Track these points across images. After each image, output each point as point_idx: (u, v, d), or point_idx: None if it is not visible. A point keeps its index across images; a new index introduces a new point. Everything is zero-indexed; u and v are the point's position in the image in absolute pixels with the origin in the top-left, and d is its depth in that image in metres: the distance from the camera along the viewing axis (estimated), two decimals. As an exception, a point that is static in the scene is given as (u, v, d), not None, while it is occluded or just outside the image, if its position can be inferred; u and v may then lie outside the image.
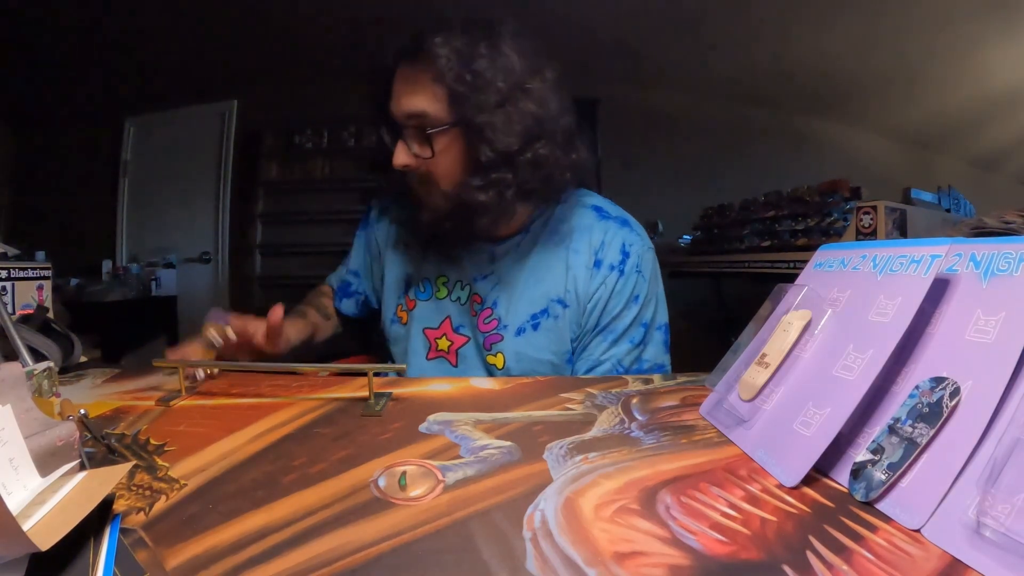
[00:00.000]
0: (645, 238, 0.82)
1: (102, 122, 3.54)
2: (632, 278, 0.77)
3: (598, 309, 0.77)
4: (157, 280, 3.56)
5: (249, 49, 2.97)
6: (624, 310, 0.77)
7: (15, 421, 0.32)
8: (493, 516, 0.33)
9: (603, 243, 0.78)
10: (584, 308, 0.77)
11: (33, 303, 0.73)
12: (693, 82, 3.36)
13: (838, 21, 2.61)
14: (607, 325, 0.77)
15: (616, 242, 0.78)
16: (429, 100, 0.69)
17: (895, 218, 1.96)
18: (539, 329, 0.77)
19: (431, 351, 0.82)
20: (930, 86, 3.16)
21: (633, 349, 0.78)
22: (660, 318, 0.81)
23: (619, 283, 0.77)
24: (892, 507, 0.32)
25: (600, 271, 0.77)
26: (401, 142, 0.72)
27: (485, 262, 0.81)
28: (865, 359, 0.38)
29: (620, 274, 0.77)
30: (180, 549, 0.30)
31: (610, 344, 0.77)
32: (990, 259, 0.36)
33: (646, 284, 0.79)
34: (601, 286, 0.77)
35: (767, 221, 2.81)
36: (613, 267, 0.77)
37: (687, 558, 0.29)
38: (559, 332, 0.77)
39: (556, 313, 0.77)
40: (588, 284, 0.77)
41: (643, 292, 0.78)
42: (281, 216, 3.63)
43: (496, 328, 0.78)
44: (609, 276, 0.77)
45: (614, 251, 0.78)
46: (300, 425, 0.49)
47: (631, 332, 0.78)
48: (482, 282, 0.80)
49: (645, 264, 0.79)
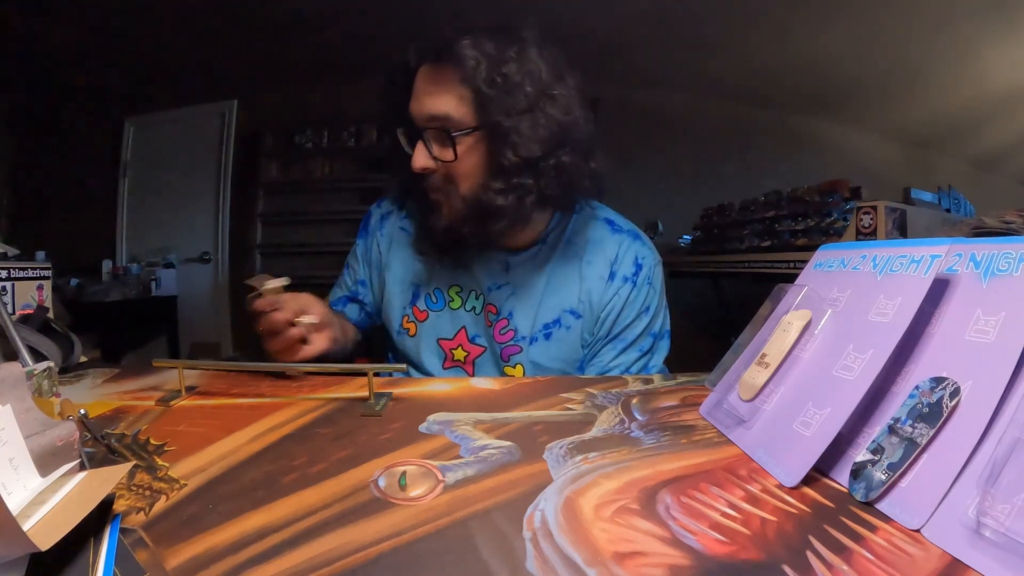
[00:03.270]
0: (655, 251, 0.84)
1: (102, 122, 3.54)
2: (644, 290, 0.80)
3: (611, 318, 0.79)
4: (157, 280, 3.56)
5: (249, 49, 2.96)
6: (636, 320, 0.79)
7: (15, 421, 0.32)
8: (493, 516, 0.33)
9: (617, 256, 0.80)
10: (597, 318, 0.79)
11: (33, 303, 0.73)
12: (693, 82, 3.36)
13: (838, 21, 2.61)
14: (619, 334, 0.79)
15: (630, 255, 0.80)
16: (454, 102, 0.68)
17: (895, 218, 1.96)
18: (551, 339, 0.78)
19: (447, 361, 0.82)
20: (930, 86, 3.16)
21: (641, 357, 0.80)
22: (665, 326, 0.83)
23: (632, 294, 0.79)
24: (892, 507, 0.32)
25: (614, 283, 0.79)
26: (421, 144, 0.70)
27: (499, 272, 0.80)
28: (865, 359, 0.38)
29: (633, 285, 0.79)
30: (180, 549, 0.30)
31: (620, 352, 0.79)
32: (990, 259, 0.36)
33: (656, 296, 0.81)
34: (615, 296, 0.78)
35: (767, 221, 2.81)
36: (627, 279, 0.79)
37: (687, 558, 0.29)
38: (570, 342, 0.79)
39: (568, 324, 0.78)
40: (602, 295, 0.78)
41: (654, 304, 0.81)
42: (281, 216, 3.63)
43: (513, 339, 0.78)
44: (623, 287, 0.79)
45: (628, 264, 0.80)
46: (300, 425, 0.49)
47: (640, 341, 0.80)
48: (496, 292, 0.79)
49: (656, 276, 0.82)
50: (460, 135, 0.69)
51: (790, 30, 2.72)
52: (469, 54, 0.66)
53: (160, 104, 3.52)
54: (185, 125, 3.60)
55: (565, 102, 0.71)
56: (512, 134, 0.67)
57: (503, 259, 0.80)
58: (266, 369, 0.68)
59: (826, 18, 2.60)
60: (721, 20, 2.69)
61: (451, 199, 0.73)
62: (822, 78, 3.12)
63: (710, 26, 2.74)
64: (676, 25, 2.75)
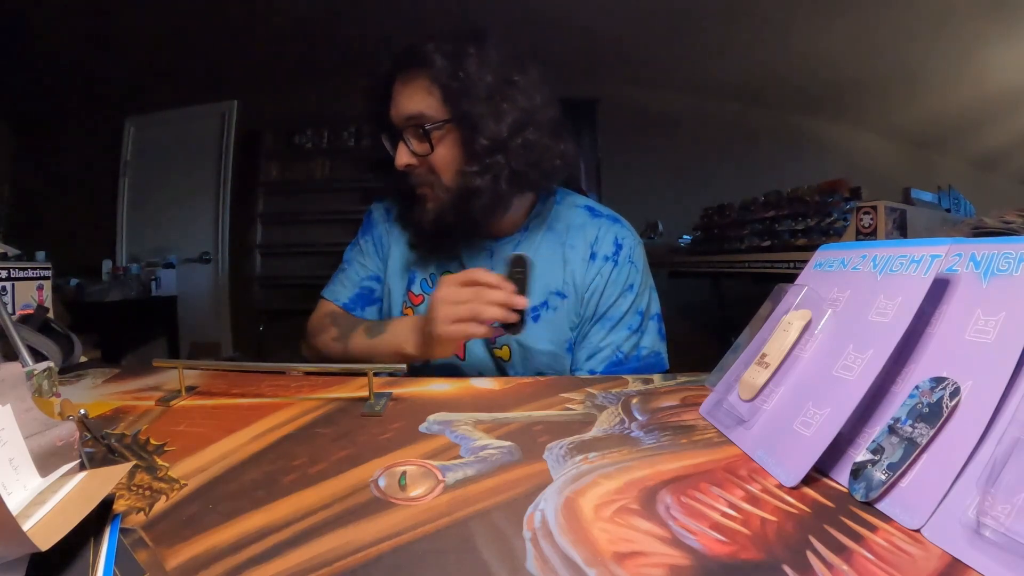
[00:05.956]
0: (635, 233, 0.87)
1: (102, 122, 3.54)
2: (626, 268, 0.83)
3: (595, 298, 0.82)
4: (157, 280, 3.56)
5: (249, 49, 2.96)
6: (620, 298, 0.82)
7: (15, 421, 0.32)
8: (493, 516, 0.33)
9: (597, 237, 0.84)
10: (582, 298, 0.82)
11: (33, 303, 0.73)
12: (693, 82, 3.36)
13: (838, 21, 2.61)
14: (604, 313, 0.82)
15: (609, 236, 0.84)
16: (426, 100, 0.76)
17: (895, 218, 1.96)
18: (539, 321, 0.81)
19: None
20: (930, 86, 3.16)
21: (631, 335, 0.82)
22: (654, 308, 0.85)
23: (614, 272, 0.82)
24: (892, 507, 0.32)
25: (596, 262, 0.82)
26: (402, 144, 0.78)
27: (485, 258, 0.84)
28: (865, 359, 0.38)
29: (614, 264, 0.82)
30: (180, 549, 0.30)
31: (608, 331, 0.81)
32: (990, 259, 0.36)
33: (639, 274, 0.84)
34: (597, 276, 0.82)
35: (767, 221, 2.81)
36: (607, 258, 0.83)
37: (687, 558, 0.29)
38: (558, 322, 0.82)
39: (555, 305, 0.82)
40: (585, 275, 0.82)
41: (636, 282, 0.83)
42: (281, 216, 3.63)
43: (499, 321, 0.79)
44: (604, 266, 0.82)
45: (608, 244, 0.83)
46: (300, 425, 0.49)
47: (628, 319, 0.82)
48: None
49: (637, 256, 0.85)
50: (433, 128, 0.76)
51: (790, 30, 2.72)
52: (434, 56, 0.74)
53: (160, 104, 3.52)
54: (185, 125, 3.60)
55: (525, 87, 0.77)
56: (479, 120, 0.74)
57: (488, 246, 0.85)
58: (266, 369, 0.68)
59: (826, 18, 2.60)
60: (721, 20, 2.69)
61: (436, 190, 0.79)
62: (822, 78, 3.12)
63: (710, 26, 2.75)
64: (676, 25, 2.76)
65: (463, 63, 0.74)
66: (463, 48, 0.75)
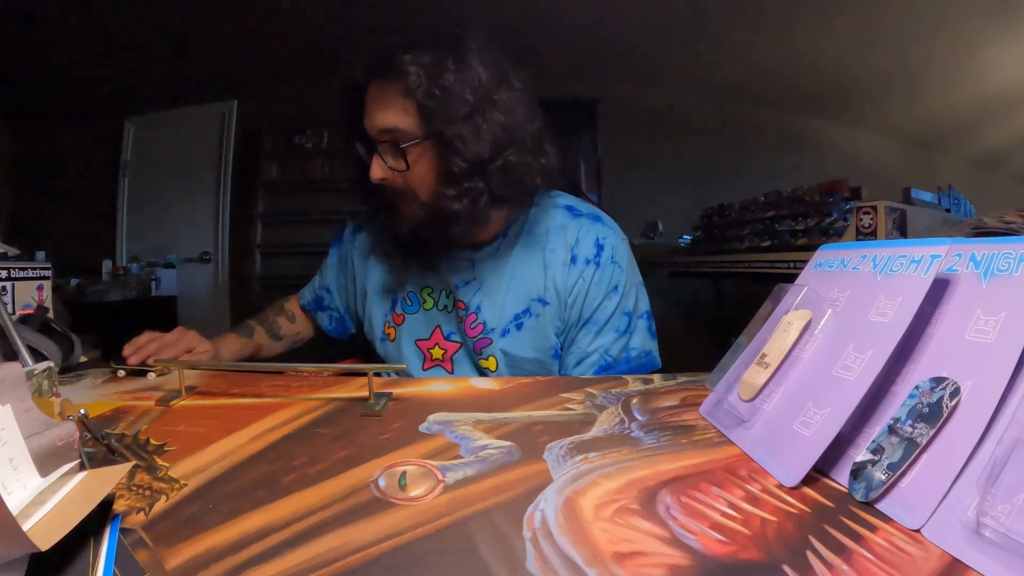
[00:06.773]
0: (618, 231, 0.84)
1: (102, 122, 3.53)
2: (608, 269, 0.80)
3: (579, 302, 0.79)
4: (157, 280, 3.56)
5: (249, 49, 2.96)
6: (604, 300, 0.80)
7: (15, 421, 0.32)
8: (493, 516, 0.33)
9: (577, 239, 0.81)
10: (565, 303, 0.80)
11: (33, 303, 0.73)
12: (693, 82, 3.35)
13: (838, 21, 2.61)
14: (590, 317, 0.80)
15: (589, 237, 0.81)
16: (400, 115, 0.71)
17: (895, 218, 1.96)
18: (522, 328, 0.80)
19: (426, 361, 0.84)
20: (930, 86, 3.16)
21: (619, 338, 0.80)
22: (642, 306, 0.83)
23: (596, 275, 0.79)
24: (892, 507, 0.32)
25: (576, 266, 0.80)
26: (377, 156, 0.74)
27: (466, 268, 0.82)
28: (865, 359, 0.38)
29: (596, 267, 0.80)
30: (180, 549, 0.30)
31: (595, 335, 0.80)
32: (990, 259, 0.36)
33: (623, 274, 0.81)
34: (579, 280, 0.79)
35: (767, 221, 2.81)
36: (588, 261, 0.80)
37: (687, 558, 0.29)
38: (541, 329, 0.80)
39: (537, 312, 0.80)
40: (566, 280, 0.80)
41: (621, 282, 0.81)
42: (281, 216, 3.62)
43: (483, 332, 0.80)
44: (586, 270, 0.79)
45: (588, 246, 0.80)
46: (300, 425, 0.49)
47: (614, 321, 0.80)
48: (464, 288, 0.81)
49: (620, 255, 0.81)
50: (409, 145, 0.71)
51: (790, 30, 2.72)
52: (410, 69, 0.69)
53: (160, 104, 3.51)
54: (185, 125, 3.59)
55: (507, 105, 0.73)
56: (456, 141, 0.70)
57: (468, 256, 0.82)
58: (266, 369, 0.68)
59: (827, 18, 2.60)
60: (722, 20, 2.69)
61: (411, 206, 0.76)
62: (822, 78, 3.12)
63: (711, 26, 2.74)
64: (677, 25, 2.75)
65: (441, 78, 0.69)
66: (442, 60, 0.70)
